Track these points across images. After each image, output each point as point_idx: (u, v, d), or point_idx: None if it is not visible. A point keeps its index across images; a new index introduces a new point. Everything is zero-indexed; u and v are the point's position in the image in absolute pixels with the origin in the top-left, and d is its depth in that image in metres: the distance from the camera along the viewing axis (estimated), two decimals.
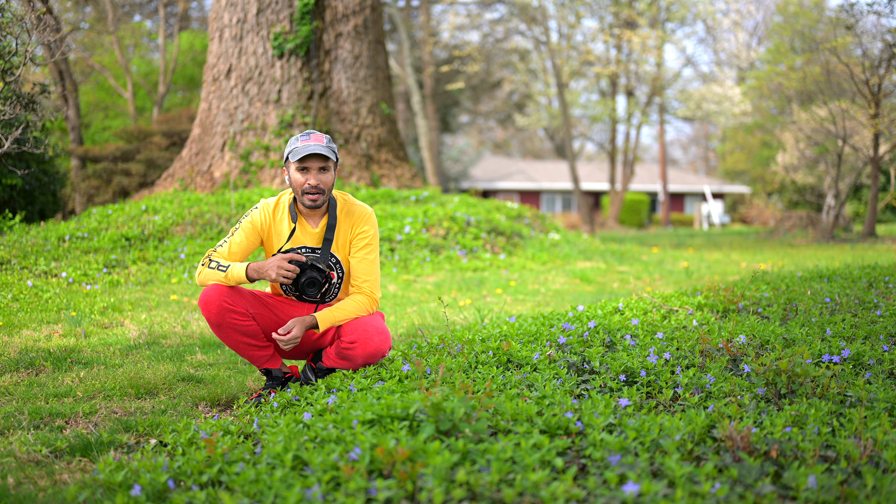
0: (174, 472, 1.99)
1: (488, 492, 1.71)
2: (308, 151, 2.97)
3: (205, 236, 8.55)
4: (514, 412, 2.16)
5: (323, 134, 3.10)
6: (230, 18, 11.36)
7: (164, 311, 5.45)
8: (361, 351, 3.00)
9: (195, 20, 28.83)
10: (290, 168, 3.06)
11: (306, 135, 3.07)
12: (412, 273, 8.10)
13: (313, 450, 1.97)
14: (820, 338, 3.18)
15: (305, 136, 3.06)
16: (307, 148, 2.99)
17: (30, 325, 4.71)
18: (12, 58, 6.06)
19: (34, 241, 7.78)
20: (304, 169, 3.02)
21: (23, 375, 3.53)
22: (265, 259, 3.13)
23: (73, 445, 2.49)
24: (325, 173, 3.04)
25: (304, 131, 10.85)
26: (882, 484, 1.70)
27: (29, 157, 10.70)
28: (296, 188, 3.06)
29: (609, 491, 1.71)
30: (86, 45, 22.48)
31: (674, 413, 2.34)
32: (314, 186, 3.03)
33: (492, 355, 3.00)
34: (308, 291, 3.00)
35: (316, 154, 3.00)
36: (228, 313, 3.00)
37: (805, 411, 2.17)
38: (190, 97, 24.74)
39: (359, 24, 11.60)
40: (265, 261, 3.00)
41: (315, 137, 3.05)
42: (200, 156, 11.42)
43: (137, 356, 3.97)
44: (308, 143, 3.03)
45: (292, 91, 11.21)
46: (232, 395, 3.24)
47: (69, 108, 16.03)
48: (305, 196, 3.04)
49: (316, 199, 3.05)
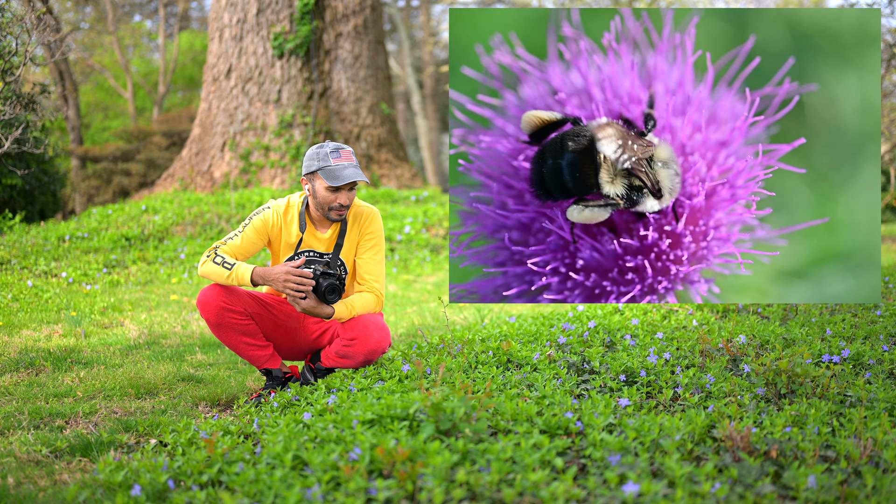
0: (174, 472, 1.99)
1: (488, 492, 1.71)
2: (348, 180, 2.94)
3: (205, 236, 8.55)
4: (514, 412, 2.16)
5: (349, 149, 3.07)
6: (230, 18, 11.36)
7: (164, 311, 5.45)
8: (362, 348, 3.00)
9: (195, 20, 28.83)
10: (317, 182, 3.02)
11: (336, 151, 3.02)
12: (412, 273, 8.10)
13: (313, 450, 1.97)
14: (820, 338, 3.18)
15: (336, 154, 3.01)
16: (345, 173, 2.95)
17: (30, 325, 4.71)
18: (12, 58, 6.06)
19: (34, 241, 7.78)
20: (338, 188, 3.00)
21: (23, 375, 3.53)
22: (271, 262, 3.13)
23: (73, 445, 2.49)
24: (353, 191, 3.05)
25: (307, 132, 10.97)
26: (882, 484, 1.70)
27: (29, 157, 10.69)
28: (322, 204, 3.03)
29: (609, 491, 1.71)
30: (86, 45, 22.48)
31: (674, 413, 2.34)
32: (343, 206, 3.03)
33: (492, 355, 3.00)
34: (329, 298, 2.98)
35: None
36: (227, 313, 3.00)
37: (805, 411, 2.17)
38: (190, 97, 24.75)
39: (359, 24, 11.60)
40: (272, 268, 2.98)
41: (345, 155, 3.01)
42: (200, 156, 11.42)
43: (137, 356, 3.97)
44: (341, 162, 2.99)
45: (292, 91, 11.21)
46: (232, 395, 3.24)
47: (69, 108, 16.03)
48: (332, 212, 3.04)
49: (342, 215, 3.06)
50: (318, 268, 3.04)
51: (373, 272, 3.15)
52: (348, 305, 3.05)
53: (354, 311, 3.06)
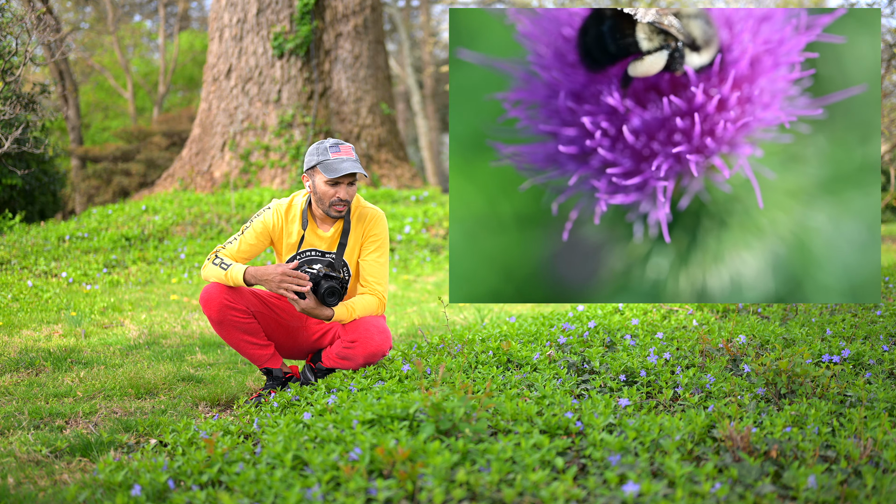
0: (174, 472, 1.99)
1: (488, 492, 1.71)
2: (345, 171, 2.96)
3: (205, 236, 8.55)
4: (514, 412, 2.16)
5: (350, 144, 3.08)
6: (230, 18, 11.36)
7: (164, 311, 5.46)
8: (362, 350, 3.00)
9: (195, 20, 28.82)
10: (316, 177, 3.03)
11: (335, 146, 3.04)
12: (412, 273, 8.10)
13: (313, 450, 1.97)
14: (820, 338, 3.18)
15: (335, 149, 3.03)
16: (343, 166, 2.97)
17: (30, 325, 4.71)
18: (12, 58, 6.06)
19: (34, 241, 7.79)
20: (337, 183, 3.01)
21: (23, 375, 3.53)
22: (275, 261, 3.13)
23: (73, 445, 2.49)
24: (353, 186, 3.05)
25: (307, 132, 10.98)
26: (882, 484, 1.70)
27: (29, 157, 10.69)
28: (322, 199, 3.05)
29: (609, 491, 1.71)
30: (86, 45, 22.48)
31: (674, 413, 2.34)
32: (343, 200, 3.03)
33: (492, 355, 3.00)
34: (328, 300, 2.98)
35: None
36: (229, 311, 3.00)
37: (805, 411, 2.17)
38: (190, 97, 24.75)
39: (359, 24, 11.60)
40: (266, 267, 2.97)
41: (345, 150, 3.03)
42: (200, 156, 11.43)
43: (137, 356, 3.97)
44: (340, 156, 3.00)
45: (292, 91, 11.21)
46: (232, 395, 3.24)
47: (69, 108, 16.03)
48: (332, 208, 3.04)
49: (342, 211, 3.06)
50: (322, 268, 3.03)
51: (376, 274, 3.15)
52: (349, 307, 3.05)
53: (355, 314, 3.06)
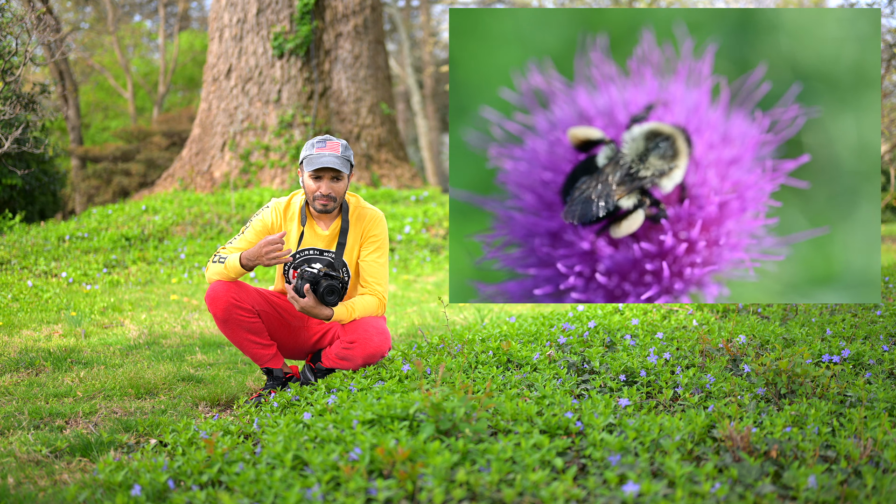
0: (174, 472, 1.99)
1: (488, 492, 1.71)
2: (321, 165, 2.98)
3: (205, 236, 8.55)
4: (514, 412, 2.16)
5: (340, 141, 3.10)
6: (230, 18, 11.36)
7: (164, 311, 5.46)
8: (361, 351, 3.00)
9: (195, 20, 28.82)
10: (304, 173, 3.07)
11: (322, 142, 3.06)
12: (412, 273, 8.10)
13: (313, 450, 1.97)
14: (820, 338, 3.18)
15: (321, 144, 3.05)
16: (321, 160, 2.99)
17: (30, 325, 4.71)
18: (12, 58, 6.07)
19: (34, 241, 7.79)
20: (318, 177, 3.04)
21: (23, 375, 3.53)
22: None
23: (73, 445, 2.49)
24: (338, 182, 3.06)
25: (307, 132, 10.98)
26: (882, 484, 1.70)
27: (29, 157, 10.70)
28: (308, 194, 3.08)
29: (609, 491, 1.71)
30: (86, 45, 22.48)
31: (674, 413, 2.34)
32: (325, 195, 3.04)
33: (492, 355, 3.00)
34: (328, 299, 2.98)
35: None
36: (235, 309, 3.01)
37: (805, 411, 2.17)
38: (190, 97, 24.74)
39: (359, 24, 11.60)
40: (254, 246, 2.98)
41: (331, 146, 3.05)
42: (200, 156, 11.43)
43: (137, 356, 3.97)
44: (323, 151, 3.03)
45: (292, 91, 11.21)
46: (232, 395, 3.24)
47: (69, 108, 16.04)
48: (316, 202, 3.06)
49: (326, 205, 3.06)
50: (322, 268, 3.03)
51: (375, 275, 3.15)
52: (349, 308, 3.05)
53: (355, 314, 3.06)
